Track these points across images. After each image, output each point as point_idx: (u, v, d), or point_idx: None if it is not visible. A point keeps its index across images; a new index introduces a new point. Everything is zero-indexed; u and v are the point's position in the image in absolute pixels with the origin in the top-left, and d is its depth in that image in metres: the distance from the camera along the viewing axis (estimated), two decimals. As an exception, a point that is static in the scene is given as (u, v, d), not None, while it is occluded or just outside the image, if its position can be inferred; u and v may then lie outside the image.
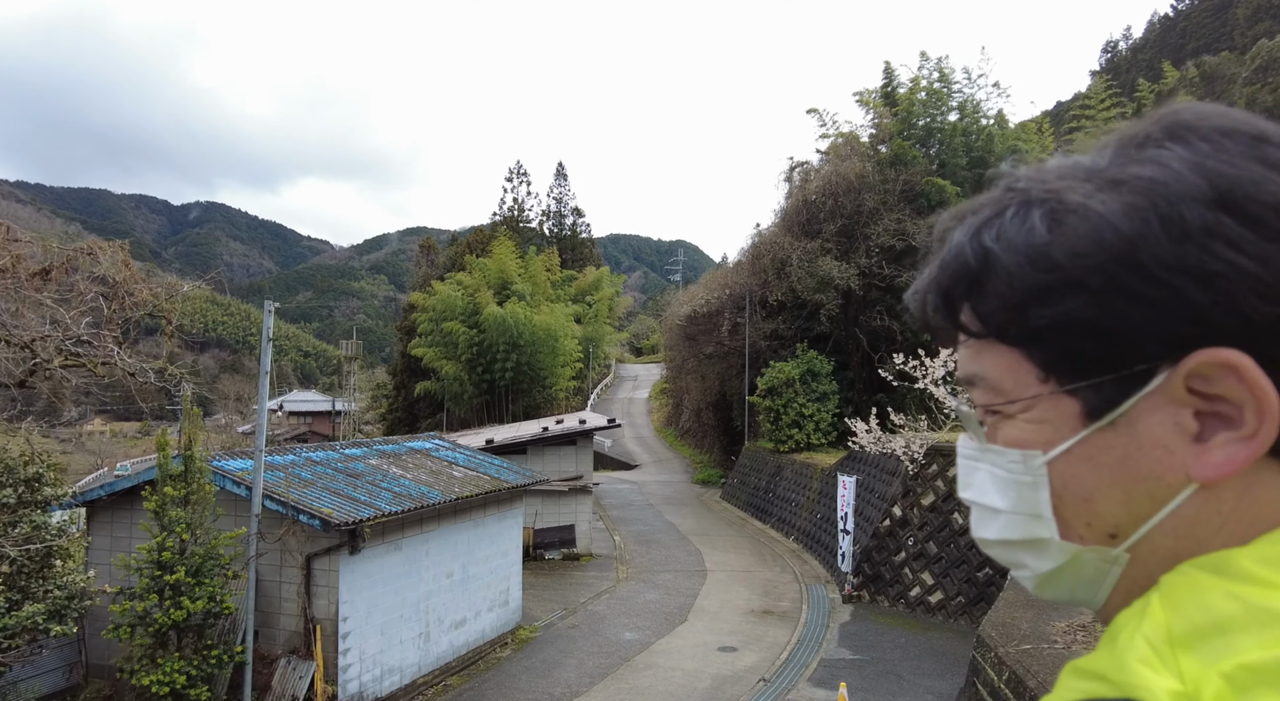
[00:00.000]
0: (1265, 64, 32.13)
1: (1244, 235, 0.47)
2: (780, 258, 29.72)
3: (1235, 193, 0.48)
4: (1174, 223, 0.48)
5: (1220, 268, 0.47)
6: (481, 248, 67.78)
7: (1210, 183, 0.48)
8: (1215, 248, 0.47)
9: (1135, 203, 0.51)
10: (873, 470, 19.60)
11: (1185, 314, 0.48)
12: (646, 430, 50.99)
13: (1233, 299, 0.47)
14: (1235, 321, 0.47)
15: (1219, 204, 0.48)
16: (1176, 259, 0.48)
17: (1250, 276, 0.46)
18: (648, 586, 18.34)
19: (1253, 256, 0.46)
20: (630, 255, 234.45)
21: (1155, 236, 0.49)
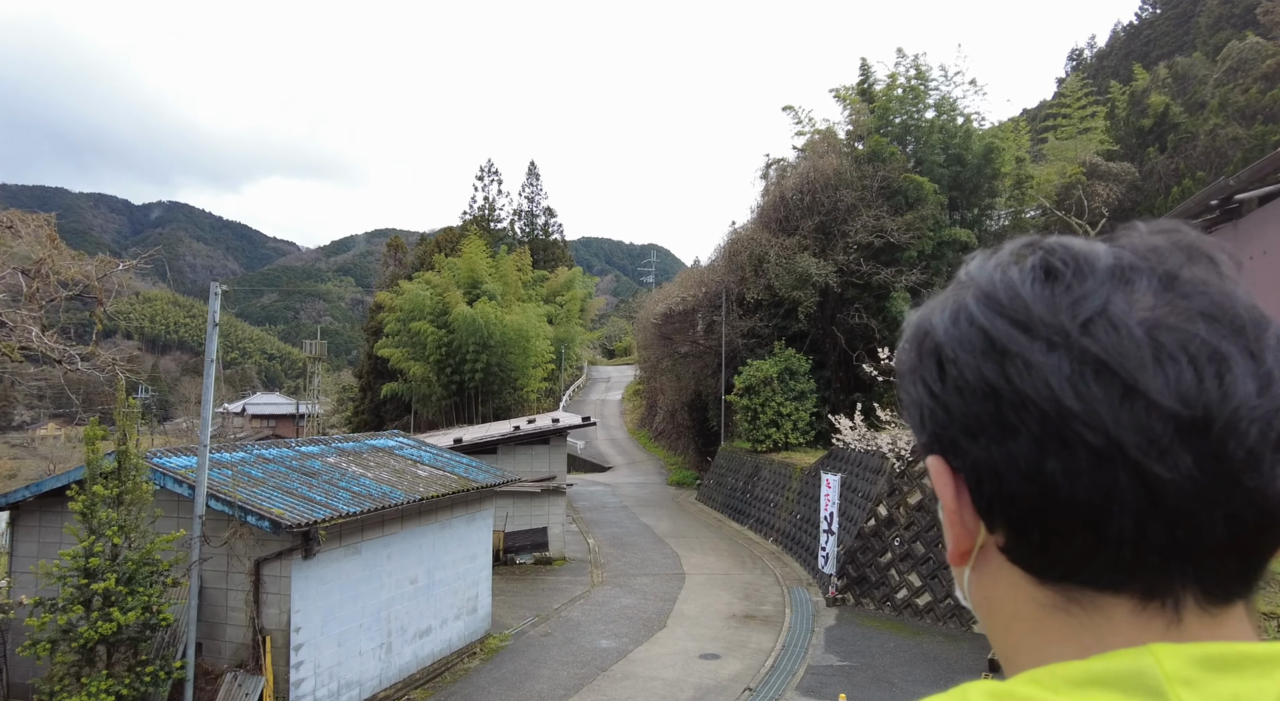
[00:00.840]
0: (1235, 66, 32.36)
1: (933, 378, 0.57)
2: (757, 254, 29.16)
3: (939, 349, 0.58)
4: (903, 361, 0.62)
5: (918, 398, 0.59)
6: (451, 247, 66.65)
7: (931, 336, 0.59)
8: (916, 386, 0.59)
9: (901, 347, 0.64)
10: (856, 468, 19.03)
11: (918, 427, 0.60)
12: (620, 432, 50.21)
13: (925, 421, 0.58)
14: (933, 436, 0.58)
15: (922, 351, 0.59)
16: (905, 389, 0.61)
17: (927, 407, 0.57)
18: (624, 591, 17.56)
19: (930, 393, 0.57)
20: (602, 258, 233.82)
21: (901, 369, 0.62)
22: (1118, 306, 0.50)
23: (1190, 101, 32.07)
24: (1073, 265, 0.53)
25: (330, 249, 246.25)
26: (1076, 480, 0.49)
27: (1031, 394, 0.50)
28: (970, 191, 31.44)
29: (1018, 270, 0.55)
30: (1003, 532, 0.55)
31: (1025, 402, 0.51)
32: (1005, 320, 0.53)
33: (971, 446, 0.54)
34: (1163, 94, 32.68)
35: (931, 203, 29.02)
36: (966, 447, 0.54)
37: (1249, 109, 29.08)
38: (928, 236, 28.62)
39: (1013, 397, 0.51)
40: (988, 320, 0.54)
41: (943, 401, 0.56)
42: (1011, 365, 0.52)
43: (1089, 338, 0.50)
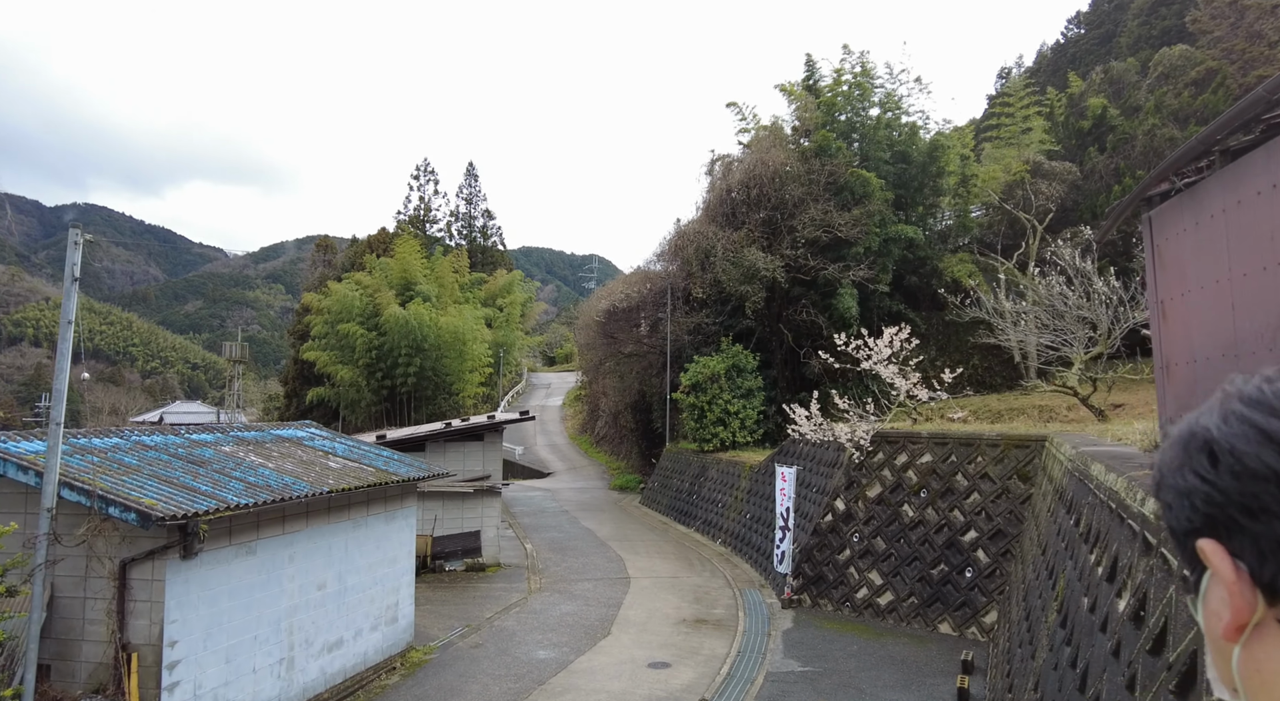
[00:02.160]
0: (1166, 72, 33.05)
1: (1205, 468, 0.66)
2: (704, 248, 28.21)
3: (1211, 444, 0.67)
4: (1169, 464, 0.71)
5: (1187, 487, 0.68)
6: (384, 248, 64.26)
7: (1200, 435, 0.69)
8: (1185, 476, 0.68)
9: (1160, 456, 0.74)
10: (809, 463, 18.06)
11: (1189, 518, 0.68)
12: (560, 437, 48.62)
13: (1197, 506, 0.67)
14: (1205, 520, 0.66)
15: (1189, 449, 0.69)
16: (1172, 483, 0.70)
17: (1200, 492, 0.66)
18: (564, 597, 16.14)
19: (1202, 479, 0.66)
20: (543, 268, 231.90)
21: (1166, 474, 0.72)
22: None
23: (1125, 105, 32.54)
24: None
25: (259, 255, 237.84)
26: None
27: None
28: (916, 189, 31.18)
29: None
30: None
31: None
32: (1278, 420, 0.64)
33: (1252, 523, 0.62)
34: (1100, 96, 33.09)
35: (878, 199, 28.58)
36: (1246, 525, 0.62)
37: (1182, 112, 29.57)
38: (874, 232, 28.11)
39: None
40: (1262, 419, 0.64)
41: (1218, 486, 0.64)
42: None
43: None
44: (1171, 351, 6.89)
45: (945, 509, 14.22)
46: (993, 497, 13.68)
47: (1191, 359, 6.48)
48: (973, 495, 13.98)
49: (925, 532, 14.33)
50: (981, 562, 13.53)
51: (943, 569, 13.96)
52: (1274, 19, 32.05)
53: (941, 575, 13.93)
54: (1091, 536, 5.55)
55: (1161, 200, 7.18)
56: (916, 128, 31.28)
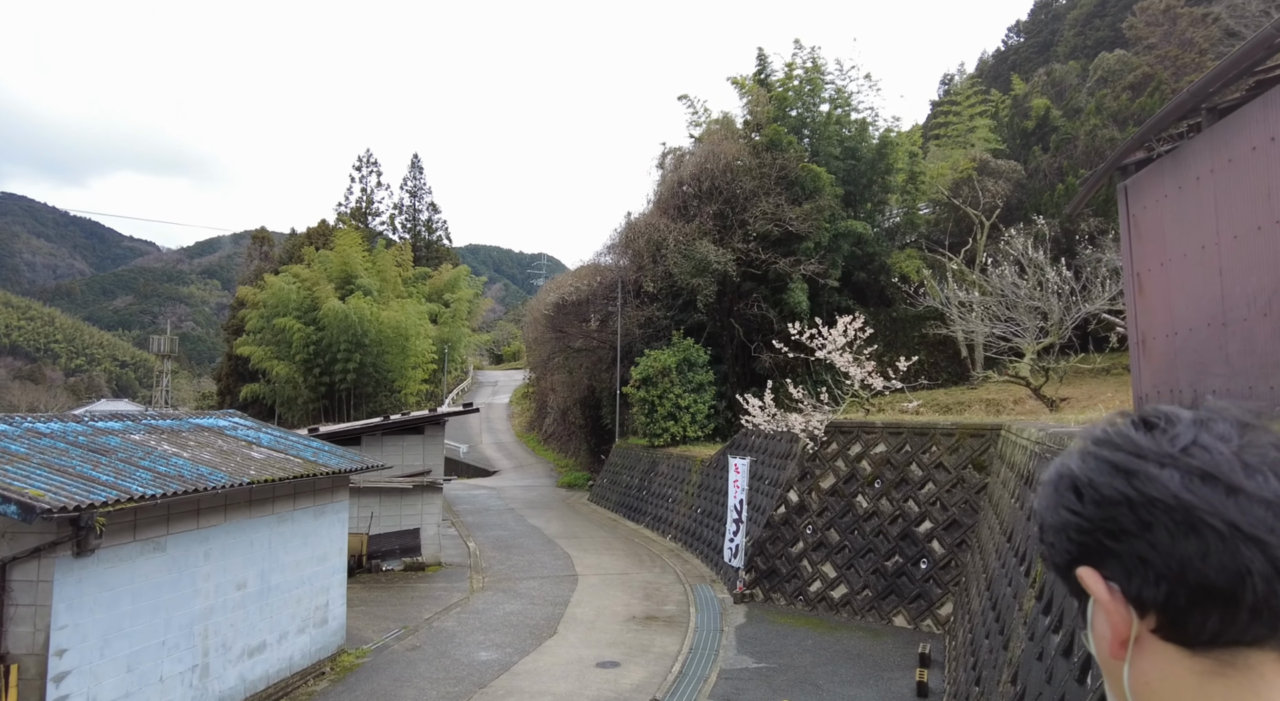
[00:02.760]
0: (1105, 76, 33.89)
1: (1073, 502, 0.72)
2: (655, 240, 27.72)
3: (1074, 481, 0.73)
4: (1043, 506, 0.77)
5: (1061, 523, 0.74)
6: (324, 241, 62.27)
7: (1065, 475, 0.75)
8: (1057, 512, 0.74)
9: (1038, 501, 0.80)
10: (762, 455, 17.70)
11: (1066, 552, 0.74)
12: (507, 436, 47.65)
13: (1072, 538, 0.72)
14: (1080, 550, 0.72)
15: (1059, 489, 0.75)
16: (1049, 522, 0.76)
17: (1072, 524, 0.72)
18: (508, 596, 15.42)
19: (1073, 512, 0.72)
20: (490, 267, 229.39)
21: (1043, 515, 0.77)
22: (1205, 439, 0.68)
23: (1067, 107, 33.21)
24: (1164, 418, 0.72)
25: (194, 250, 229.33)
26: (1208, 557, 0.63)
27: (1157, 495, 0.66)
28: (865, 186, 31.24)
29: (1123, 425, 0.73)
30: (1154, 615, 0.66)
31: (1153, 502, 0.66)
32: (1123, 453, 0.70)
33: (1116, 545, 0.68)
34: (1043, 97, 33.70)
35: (828, 194, 28.51)
36: (1111, 546, 0.68)
37: (1121, 114, 30.25)
38: (824, 227, 28.03)
39: (1142, 500, 0.67)
40: (1109, 454, 0.71)
41: (1084, 516, 0.70)
42: (1135, 479, 0.68)
43: (1189, 457, 0.67)
44: (1148, 325, 6.59)
45: (900, 499, 13.97)
46: (948, 487, 13.47)
47: (1171, 331, 6.17)
48: (927, 485, 13.75)
49: (880, 524, 14.05)
50: (937, 554, 13.30)
51: (897, 560, 13.70)
52: (1204, 28, 33.11)
53: (896, 567, 13.66)
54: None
55: (1138, 169, 6.89)
56: (866, 124, 31.35)
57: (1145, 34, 34.20)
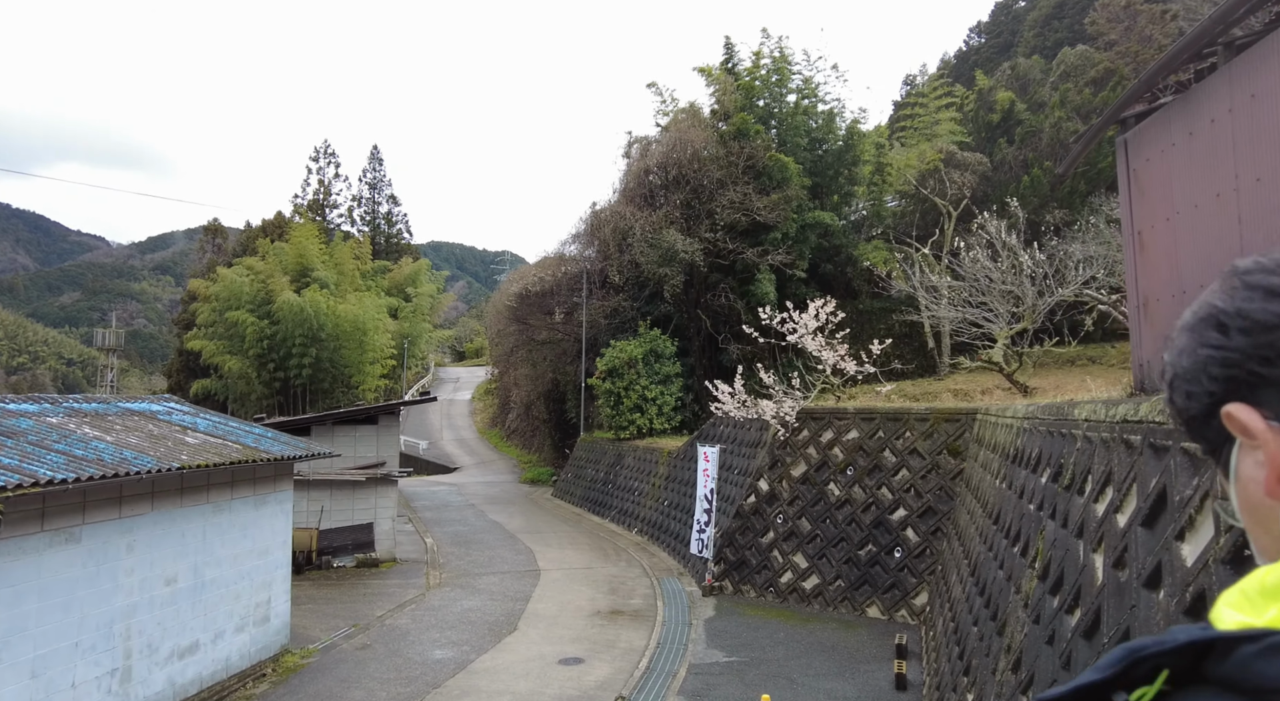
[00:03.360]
0: (1068, 70, 34.14)
1: (1215, 339, 0.67)
2: (621, 229, 27.12)
3: (1217, 316, 0.68)
4: (1179, 350, 0.72)
5: (1202, 361, 0.68)
6: (279, 234, 60.60)
7: (1206, 313, 0.70)
8: (1197, 353, 0.69)
9: (1169, 349, 0.75)
10: (732, 444, 17.20)
11: (1207, 393, 0.68)
12: (469, 432, 46.65)
13: (1215, 375, 0.67)
14: (1226, 387, 0.67)
15: (1196, 328, 0.70)
16: (1188, 366, 0.70)
17: (1216, 360, 0.67)
18: (466, 592, 14.70)
19: (1214, 347, 0.67)
20: (453, 264, 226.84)
21: (1177, 361, 0.72)
22: None
23: (1031, 101, 33.38)
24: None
25: (146, 245, 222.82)
26: None
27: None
28: (832, 177, 31.02)
29: (1276, 255, 0.68)
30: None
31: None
32: (1278, 276, 0.66)
33: (1272, 371, 0.63)
34: (1008, 91, 33.82)
35: (795, 184, 28.18)
36: (1266, 374, 0.64)
37: (1084, 108, 30.43)
38: (792, 218, 27.69)
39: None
40: (1263, 279, 0.66)
41: (1231, 348, 0.65)
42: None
43: None
44: (1151, 285, 6.16)
45: (873, 486, 13.56)
46: (922, 474, 13.08)
47: (1178, 290, 5.74)
48: (901, 471, 13.35)
49: (852, 512, 13.63)
50: (911, 542, 12.91)
51: (870, 549, 13.28)
52: (1162, 24, 33.51)
53: (869, 556, 13.24)
54: (1092, 482, 4.68)
55: (1138, 121, 6.46)
56: (833, 114, 31.13)
57: (1106, 30, 34.53)
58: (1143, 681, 0.51)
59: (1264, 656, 0.47)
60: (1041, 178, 28.24)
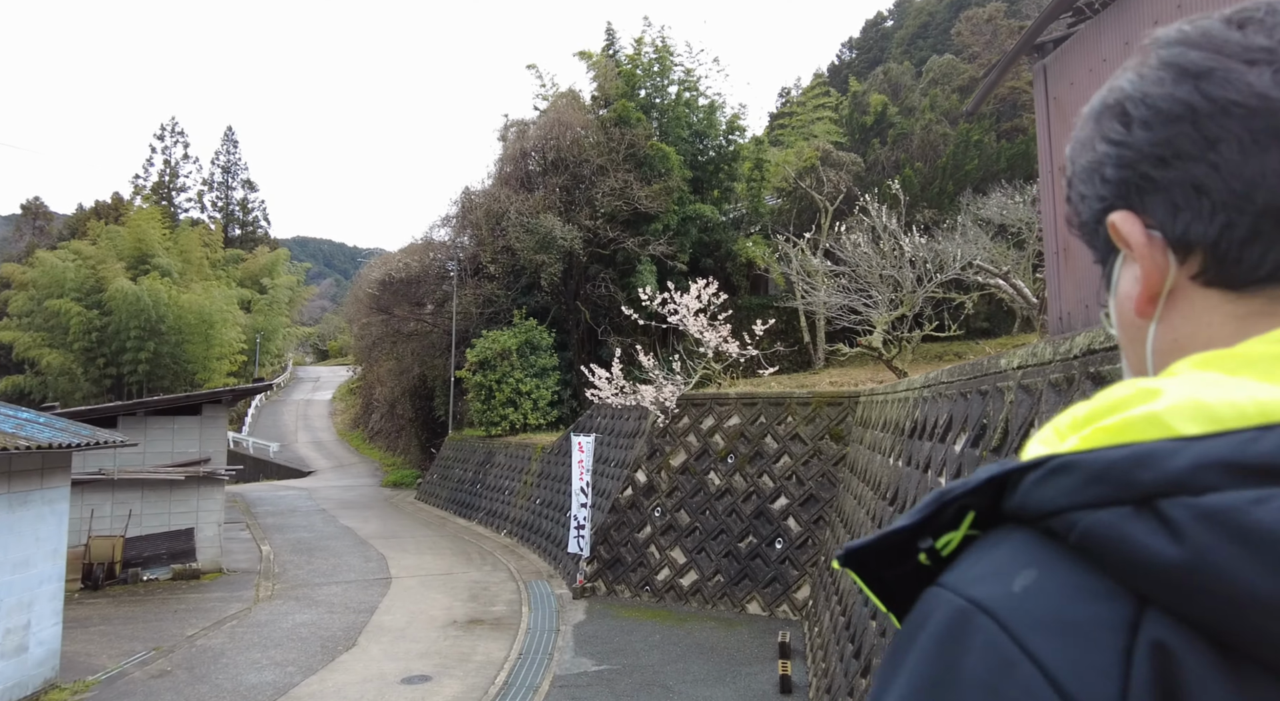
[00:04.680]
0: (936, 77, 35.49)
1: (1117, 131, 0.56)
2: (496, 212, 25.52)
3: (1123, 102, 0.56)
4: (1078, 143, 0.60)
5: (1098, 159, 0.57)
6: (116, 217, 54.93)
7: (1112, 99, 0.58)
8: (1094, 147, 0.58)
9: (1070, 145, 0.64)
10: (609, 435, 16.09)
11: (1096, 196, 0.58)
12: (327, 434, 43.40)
13: (1107, 177, 0.57)
14: (1115, 190, 0.56)
15: (1099, 117, 0.58)
16: (1083, 164, 0.59)
17: (1111, 157, 0.56)
18: (301, 604, 12.81)
19: (1112, 143, 0.56)
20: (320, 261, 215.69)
21: (1074, 156, 0.61)
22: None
23: (903, 106, 34.35)
24: (1265, 8, 0.54)
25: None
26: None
27: (1236, 98, 0.50)
28: (713, 172, 30.67)
29: (1208, 22, 0.55)
30: (1200, 256, 0.53)
31: (1228, 109, 0.50)
32: (1199, 51, 0.52)
33: (1164, 173, 0.53)
34: (880, 94, 34.68)
35: (677, 175, 27.57)
36: (1158, 177, 0.53)
37: (952, 113, 31.53)
38: (673, 209, 27.04)
39: (1211, 109, 0.51)
40: (1179, 55, 0.53)
41: (1129, 144, 0.54)
42: (1209, 81, 0.51)
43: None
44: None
45: (754, 474, 12.77)
46: (804, 460, 12.40)
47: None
48: (783, 458, 12.64)
49: (733, 502, 12.79)
50: (793, 532, 12.19)
51: (751, 541, 12.46)
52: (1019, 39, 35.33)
53: (750, 548, 12.42)
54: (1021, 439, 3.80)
55: (1056, 46, 5.77)
56: (715, 107, 30.77)
57: (971, 41, 36.11)
58: (949, 526, 0.48)
59: (1040, 482, 0.44)
60: (913, 177, 28.90)
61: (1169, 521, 0.39)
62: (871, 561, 0.50)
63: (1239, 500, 0.38)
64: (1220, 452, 0.40)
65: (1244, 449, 0.40)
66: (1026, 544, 0.44)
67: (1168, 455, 0.41)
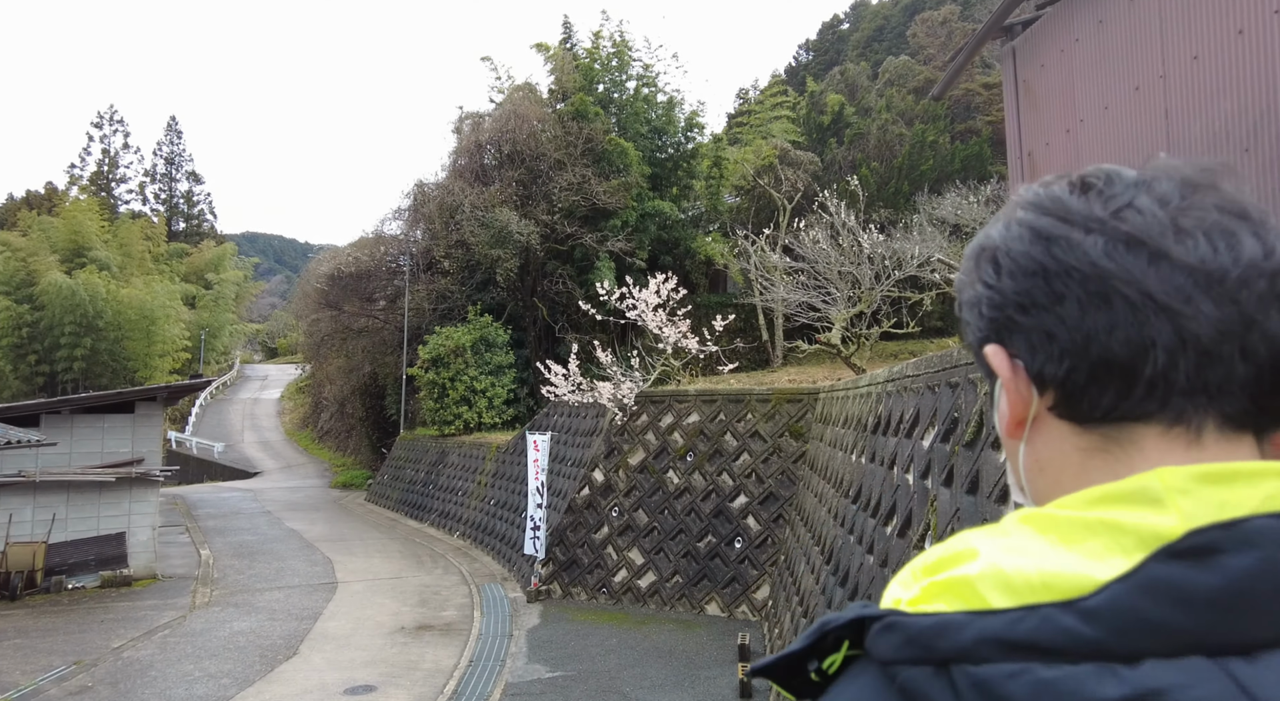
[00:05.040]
0: (892, 78, 35.82)
1: (990, 275, 0.64)
2: (450, 205, 24.89)
3: (994, 252, 0.64)
4: (961, 281, 0.68)
5: (975, 297, 0.65)
6: (49, 208, 52.74)
7: (986, 246, 0.66)
8: (974, 287, 0.65)
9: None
10: (565, 433, 15.72)
11: (976, 329, 0.66)
12: (275, 433, 42.14)
13: (984, 313, 0.64)
14: (990, 326, 0.64)
15: (977, 260, 0.66)
16: (965, 299, 0.67)
17: (985, 299, 0.64)
18: (241, 612, 12.19)
19: (987, 286, 0.64)
20: (271, 257, 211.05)
21: (960, 292, 0.69)
22: (1142, 201, 0.59)
23: (859, 106, 34.57)
24: (1104, 178, 0.62)
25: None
26: (1115, 330, 0.57)
27: (1075, 263, 0.58)
28: (671, 169, 30.45)
29: (1059, 186, 0.63)
30: (1053, 393, 0.60)
31: (1069, 272, 0.58)
32: (1049, 218, 0.61)
33: (1025, 318, 0.61)
34: (837, 94, 34.84)
35: (636, 171, 27.28)
36: (1020, 321, 0.61)
37: (908, 113, 31.81)
38: (632, 205, 26.73)
39: (1058, 269, 0.59)
40: (1034, 219, 0.62)
41: (998, 289, 0.62)
42: (1056, 246, 0.60)
43: (1119, 221, 0.58)
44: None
45: (713, 472, 12.53)
46: (764, 457, 12.20)
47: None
48: (742, 455, 12.42)
49: (692, 501, 12.53)
50: (752, 531, 11.97)
51: (710, 540, 12.22)
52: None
53: (709, 548, 12.18)
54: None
55: (1025, 28, 5.58)
56: (674, 103, 30.54)
57: (926, 43, 36.53)
58: (831, 650, 0.55)
59: (879, 635, 0.52)
60: (869, 177, 29.06)
61: (954, 684, 0.48)
62: (779, 673, 0.57)
63: (1000, 672, 0.46)
64: (995, 630, 0.48)
65: (1011, 628, 0.48)
66: (874, 683, 0.52)
67: (959, 628, 0.49)
